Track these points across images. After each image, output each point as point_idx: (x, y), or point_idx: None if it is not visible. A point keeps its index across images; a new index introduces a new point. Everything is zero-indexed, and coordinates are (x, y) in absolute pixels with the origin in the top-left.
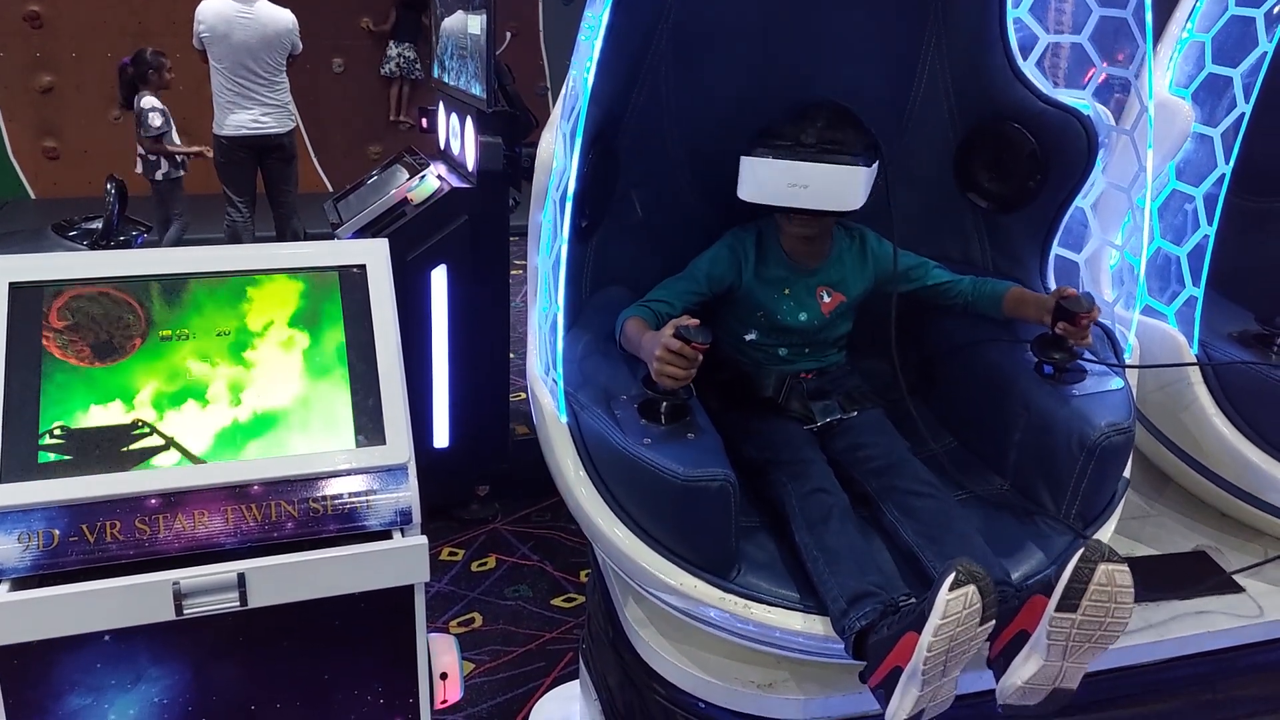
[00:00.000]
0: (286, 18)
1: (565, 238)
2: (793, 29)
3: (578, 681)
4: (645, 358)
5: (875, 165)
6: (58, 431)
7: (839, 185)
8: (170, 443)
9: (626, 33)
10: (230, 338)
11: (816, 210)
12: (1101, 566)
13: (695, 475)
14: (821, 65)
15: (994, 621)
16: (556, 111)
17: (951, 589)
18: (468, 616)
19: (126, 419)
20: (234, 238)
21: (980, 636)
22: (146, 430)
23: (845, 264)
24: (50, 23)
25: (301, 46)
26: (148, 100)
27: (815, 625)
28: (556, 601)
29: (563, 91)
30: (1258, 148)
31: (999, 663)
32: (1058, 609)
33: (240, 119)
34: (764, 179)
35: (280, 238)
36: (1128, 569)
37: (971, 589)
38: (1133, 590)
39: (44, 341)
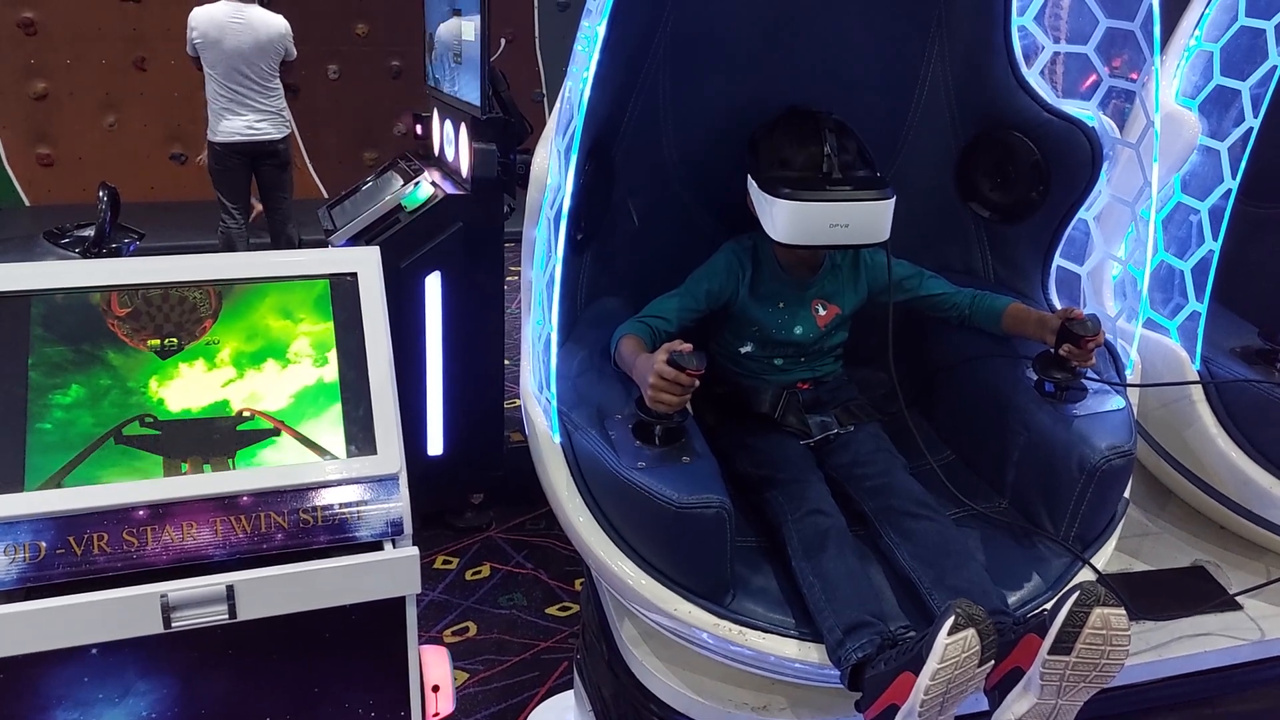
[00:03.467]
0: (279, 23)
1: (559, 257)
2: (791, 37)
3: (572, 692)
4: (638, 381)
5: None
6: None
7: (877, 219)
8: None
9: (623, 43)
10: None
11: (855, 245)
12: (1096, 610)
13: (690, 502)
14: (822, 73)
15: (993, 662)
16: (551, 124)
17: (950, 633)
18: (462, 625)
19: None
20: (228, 245)
21: (979, 677)
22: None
23: (839, 275)
24: (44, 29)
25: (295, 53)
26: None
27: (810, 653)
28: (551, 610)
29: (558, 103)
30: (1267, 154)
31: (994, 694)
32: (1051, 651)
33: (234, 125)
34: (804, 223)
35: (275, 245)
36: (1124, 612)
37: (971, 633)
38: (1129, 634)
39: (110, 326)
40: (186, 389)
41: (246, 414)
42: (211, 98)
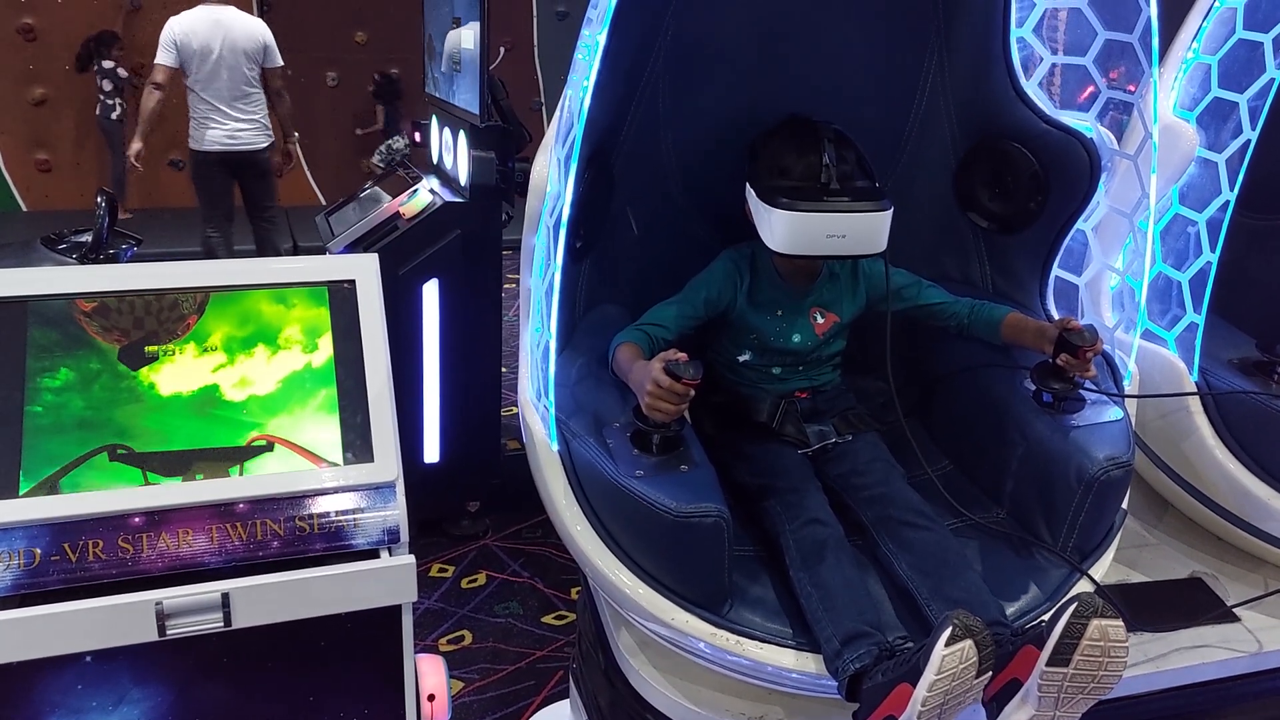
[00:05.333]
0: (257, 27)
1: (559, 265)
2: (791, 47)
3: (568, 701)
4: (635, 390)
5: None
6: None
7: (874, 230)
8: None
9: (623, 52)
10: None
11: (852, 256)
12: (1094, 622)
13: (688, 511)
14: (820, 84)
15: (990, 673)
16: (551, 133)
17: (948, 644)
18: (457, 634)
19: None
20: (209, 255)
21: (976, 688)
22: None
23: (838, 284)
24: (43, 35)
25: (280, 61)
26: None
27: (808, 663)
28: (547, 619)
29: (557, 112)
30: (1265, 165)
31: (992, 706)
32: (1049, 663)
33: (215, 134)
34: (800, 233)
35: (261, 254)
36: (1121, 623)
37: (968, 644)
38: (1126, 645)
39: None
40: (177, 374)
41: (258, 441)
42: (193, 105)
